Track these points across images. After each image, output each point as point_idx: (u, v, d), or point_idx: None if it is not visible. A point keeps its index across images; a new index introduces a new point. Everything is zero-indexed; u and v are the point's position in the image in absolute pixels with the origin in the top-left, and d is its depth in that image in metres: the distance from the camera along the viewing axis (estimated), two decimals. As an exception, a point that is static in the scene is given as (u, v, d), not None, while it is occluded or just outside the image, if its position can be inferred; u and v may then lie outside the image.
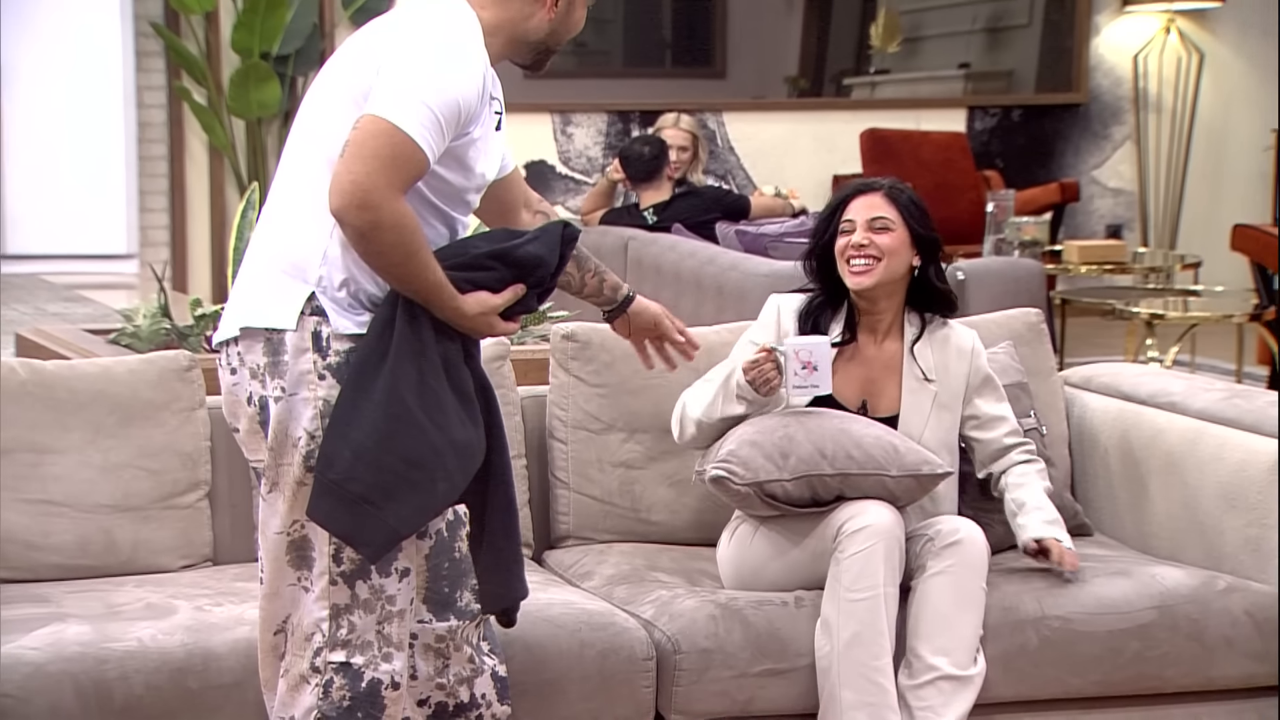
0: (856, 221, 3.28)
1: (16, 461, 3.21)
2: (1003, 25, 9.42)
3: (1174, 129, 9.29)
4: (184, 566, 3.31)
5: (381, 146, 2.51)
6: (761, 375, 3.15)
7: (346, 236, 2.56)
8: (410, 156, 2.53)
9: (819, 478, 3.12)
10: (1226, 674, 3.29)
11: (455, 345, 2.64)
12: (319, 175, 2.59)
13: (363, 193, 2.50)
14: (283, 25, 7.87)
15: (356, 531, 2.58)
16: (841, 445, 3.13)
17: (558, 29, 2.72)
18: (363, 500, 2.55)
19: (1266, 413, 3.39)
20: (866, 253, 3.26)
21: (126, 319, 4.59)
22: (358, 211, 2.51)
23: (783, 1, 9.17)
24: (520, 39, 2.71)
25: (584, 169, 8.65)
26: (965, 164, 8.55)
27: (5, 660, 2.82)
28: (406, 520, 2.59)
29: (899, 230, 3.27)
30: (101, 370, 3.35)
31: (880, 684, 3.04)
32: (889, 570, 3.07)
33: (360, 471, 2.55)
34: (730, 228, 6.32)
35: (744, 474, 3.13)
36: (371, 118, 2.53)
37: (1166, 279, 7.26)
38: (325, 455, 2.57)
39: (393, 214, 2.52)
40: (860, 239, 3.26)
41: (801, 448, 3.12)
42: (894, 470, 3.13)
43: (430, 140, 2.55)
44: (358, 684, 2.65)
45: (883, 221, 3.27)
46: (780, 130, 8.94)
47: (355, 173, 2.51)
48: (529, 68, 2.78)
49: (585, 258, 2.92)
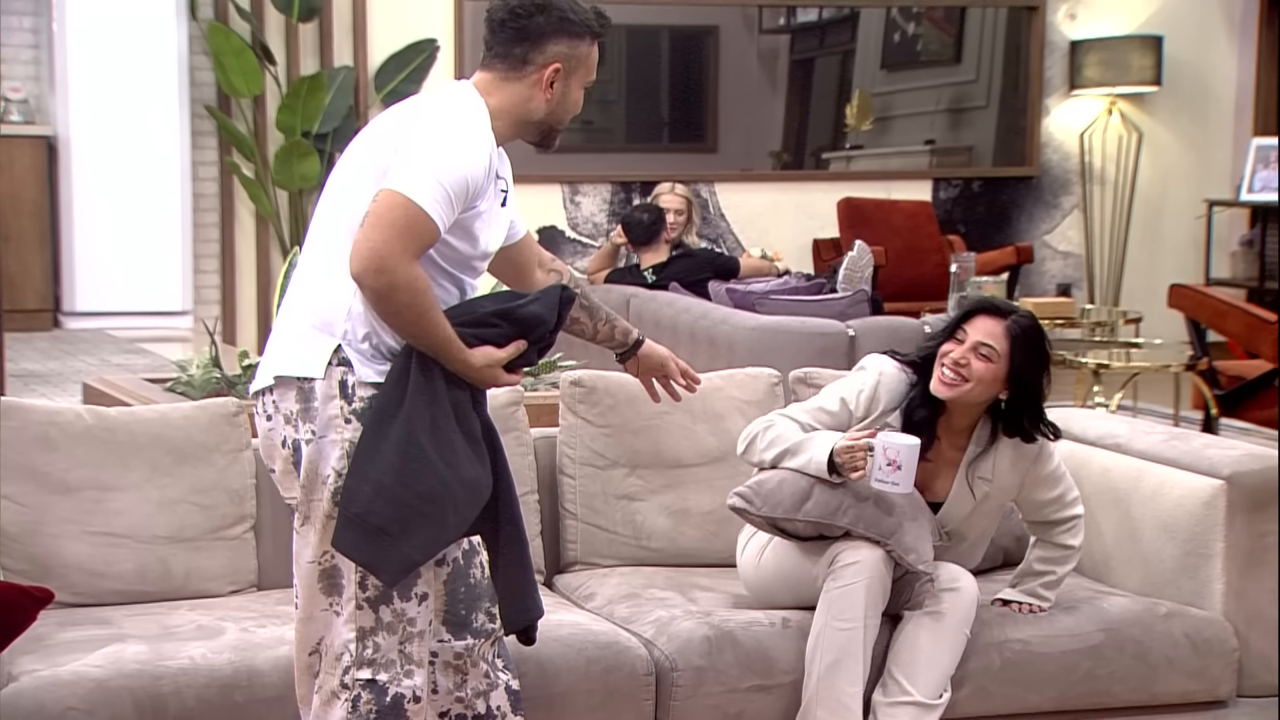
0: (967, 337, 3.11)
1: (83, 498, 3.21)
2: (964, 106, 9.44)
3: (1116, 199, 9.30)
4: (232, 591, 3.30)
5: (398, 218, 2.52)
6: (853, 462, 3.02)
7: (365, 297, 2.57)
8: (423, 227, 2.54)
9: (828, 526, 3.10)
10: (1168, 690, 3.27)
11: (464, 393, 2.64)
12: (343, 242, 2.59)
13: (380, 259, 2.51)
14: (322, 107, 7.90)
15: (376, 560, 2.57)
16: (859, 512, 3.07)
17: (556, 110, 2.72)
18: (381, 532, 2.55)
19: (1202, 453, 3.38)
20: (959, 371, 3.10)
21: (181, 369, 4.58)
22: (375, 275, 2.52)
23: (768, 85, 9.20)
24: (524, 120, 2.71)
25: (590, 233, 8.66)
26: (931, 229, 8.56)
27: (71, 677, 2.81)
28: (421, 549, 2.58)
29: (999, 364, 3.09)
30: (159, 416, 3.34)
31: (850, 708, 3.03)
32: (871, 603, 3.05)
33: (379, 506, 2.55)
34: (721, 286, 6.32)
35: (761, 506, 3.11)
36: (389, 192, 2.54)
37: (1111, 332, 7.24)
38: (348, 491, 2.57)
39: (406, 278, 2.53)
40: (960, 357, 3.09)
41: (821, 498, 3.07)
42: (888, 543, 3.07)
43: (441, 212, 2.55)
44: (383, 699, 2.64)
45: (988, 350, 3.09)
46: (766, 199, 8.95)
47: (374, 241, 2.52)
48: (539, 145, 2.78)
49: (597, 308, 2.94)
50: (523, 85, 2.68)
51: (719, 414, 3.56)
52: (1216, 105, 9.41)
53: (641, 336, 3.00)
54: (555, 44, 2.67)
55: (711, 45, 9.08)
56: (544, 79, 2.67)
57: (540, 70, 2.67)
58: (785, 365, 3.84)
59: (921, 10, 9.18)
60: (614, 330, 2.96)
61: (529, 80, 2.68)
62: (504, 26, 2.68)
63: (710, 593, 3.31)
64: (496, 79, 2.69)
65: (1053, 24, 9.18)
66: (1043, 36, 9.17)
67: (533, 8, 2.67)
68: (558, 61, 2.67)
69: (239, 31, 7.98)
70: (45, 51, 8.13)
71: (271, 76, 8.06)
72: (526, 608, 2.75)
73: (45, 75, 8.17)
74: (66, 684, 2.79)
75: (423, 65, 8.17)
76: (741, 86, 9.07)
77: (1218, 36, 9.37)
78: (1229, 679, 3.29)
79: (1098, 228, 9.31)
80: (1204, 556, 3.30)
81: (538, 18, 2.67)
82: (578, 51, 2.69)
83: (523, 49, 2.67)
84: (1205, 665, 3.26)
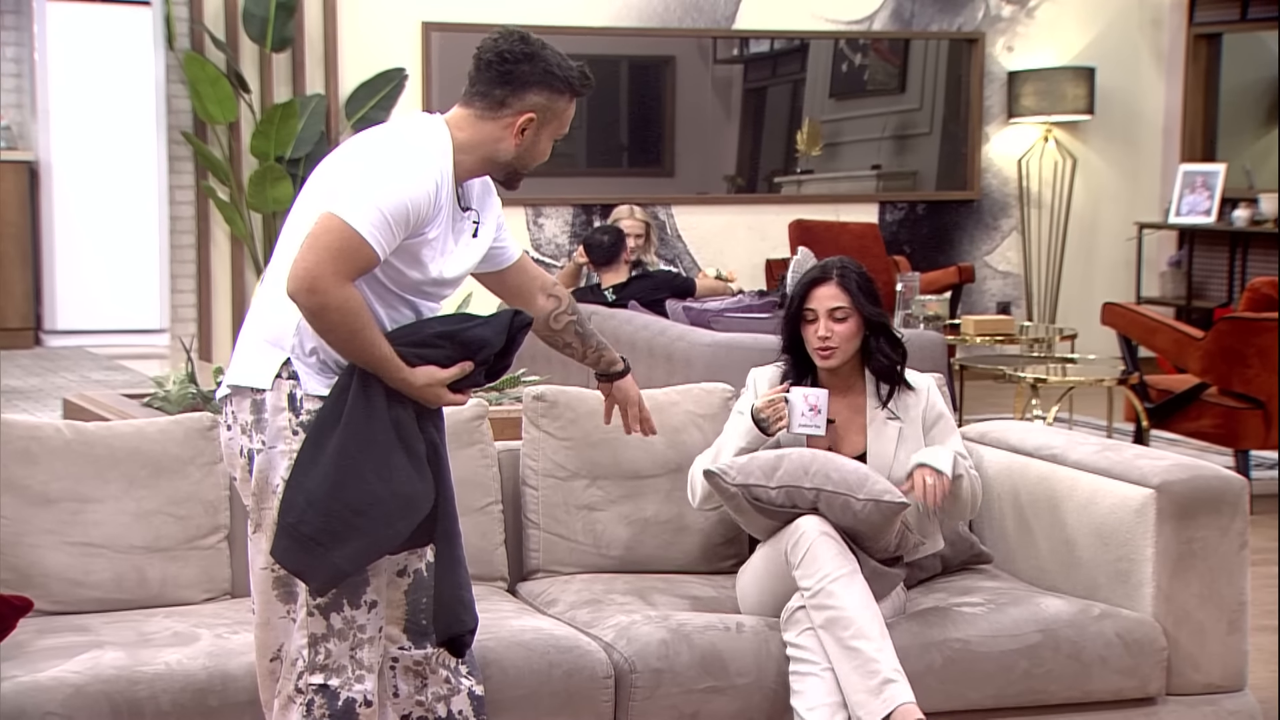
0: (818, 312, 3.29)
1: (62, 510, 3.18)
2: (908, 133, 9.50)
3: (1052, 221, 9.37)
4: (206, 599, 3.27)
5: (333, 241, 2.51)
6: (776, 413, 3.21)
7: (302, 315, 2.56)
8: (357, 251, 2.52)
9: (798, 489, 3.11)
10: (1101, 688, 3.29)
11: (407, 410, 2.62)
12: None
13: (311, 279, 2.50)
14: (294, 133, 7.87)
15: (306, 568, 2.57)
16: (823, 468, 3.12)
17: (523, 155, 2.70)
18: (312, 541, 2.54)
19: (1133, 464, 3.40)
20: (828, 344, 3.29)
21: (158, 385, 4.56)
22: (308, 295, 2.51)
23: (722, 112, 9.22)
24: (490, 159, 2.70)
25: (553, 254, 8.66)
26: (878, 250, 8.59)
27: (50, 683, 2.78)
28: (350, 559, 2.56)
29: (853, 317, 3.29)
30: (135, 430, 3.32)
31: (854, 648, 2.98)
32: (830, 558, 3.04)
33: (310, 516, 2.54)
34: (679, 304, 6.33)
35: (735, 476, 3.13)
36: (328, 215, 2.53)
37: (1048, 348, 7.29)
38: (285, 501, 2.57)
39: (338, 298, 2.51)
40: (823, 331, 3.28)
41: (791, 464, 3.13)
42: (860, 494, 3.09)
43: (378, 237, 2.53)
44: (335, 703, 2.63)
45: (841, 312, 3.28)
46: (720, 221, 8.97)
47: (308, 262, 2.51)
48: (502, 183, 2.78)
49: (589, 335, 2.98)
50: (495, 126, 2.67)
51: (675, 427, 3.57)
52: (1146, 132, 9.49)
53: (627, 367, 3.05)
54: (535, 94, 2.66)
55: (668, 75, 9.10)
56: (516, 125, 2.66)
57: (515, 116, 2.66)
58: (739, 380, 3.84)
59: (868, 42, 9.24)
60: (600, 358, 3.01)
61: (502, 122, 2.67)
62: (490, 67, 2.66)
63: (667, 596, 3.31)
64: (472, 115, 2.68)
65: (992, 55, 9.25)
66: (982, 67, 9.24)
67: (521, 55, 2.65)
68: (533, 111, 2.66)
69: (214, 61, 7.95)
70: (27, 80, 8.08)
71: (246, 104, 8.03)
72: (457, 618, 2.72)
73: (27, 102, 8.11)
74: (46, 689, 2.77)
75: (391, 93, 8.15)
76: (697, 114, 9.09)
77: (1147, 68, 9.47)
78: (1158, 677, 3.31)
79: (1035, 249, 9.37)
80: (1135, 561, 3.33)
81: (524, 65, 2.65)
82: (555, 105, 2.68)
83: (503, 92, 2.66)
84: (1136, 664, 3.28)
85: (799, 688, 3.03)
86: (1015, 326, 7.42)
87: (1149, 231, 9.34)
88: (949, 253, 9.26)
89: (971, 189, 9.31)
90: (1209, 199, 8.97)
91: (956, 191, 9.31)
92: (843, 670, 2.99)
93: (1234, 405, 6.05)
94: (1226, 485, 3.34)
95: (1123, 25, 9.37)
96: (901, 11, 9.12)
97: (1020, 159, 9.30)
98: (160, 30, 7.93)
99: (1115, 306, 6.72)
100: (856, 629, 2.99)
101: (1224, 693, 3.36)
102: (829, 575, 3.02)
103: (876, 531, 3.13)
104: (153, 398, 4.47)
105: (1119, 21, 9.37)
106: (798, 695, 3.03)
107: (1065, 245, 9.35)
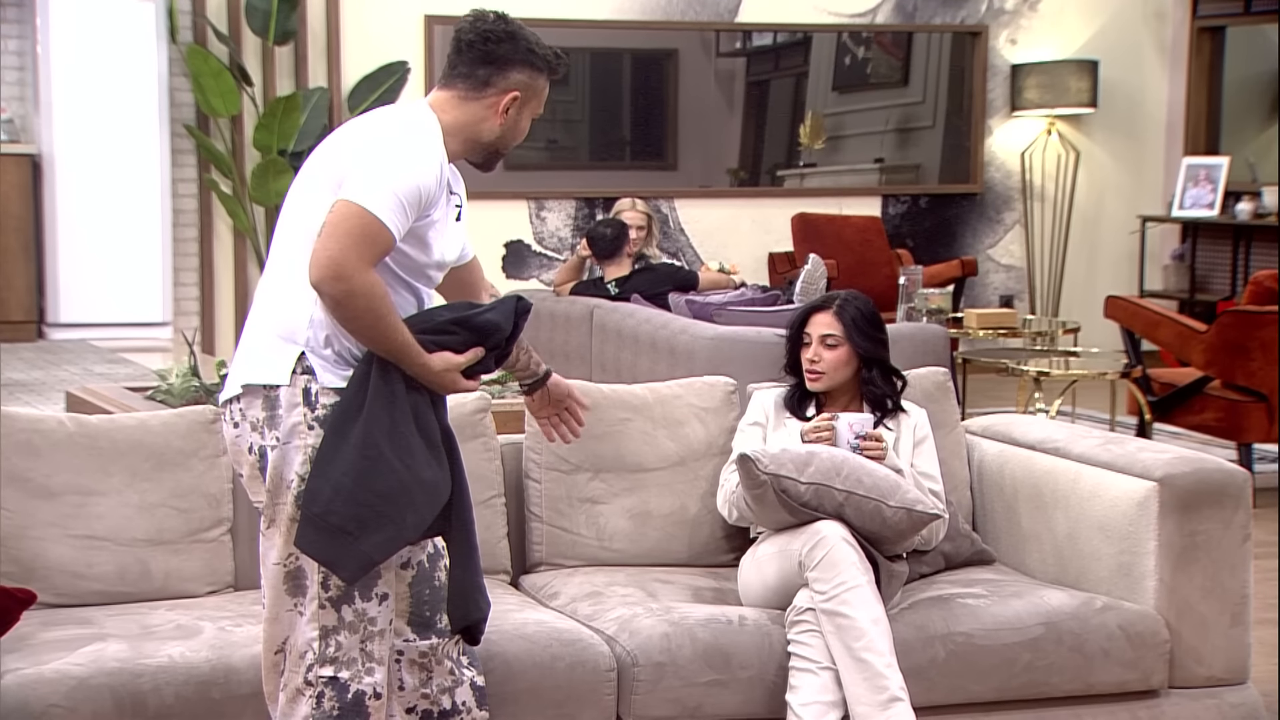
0: (813, 336, 3.45)
1: (65, 503, 3.18)
2: (911, 127, 9.50)
3: (1055, 215, 9.37)
4: (209, 592, 3.28)
5: (353, 227, 2.52)
6: (821, 440, 3.26)
7: (325, 304, 2.56)
8: (378, 235, 2.53)
9: (828, 489, 3.11)
10: (1104, 680, 3.29)
11: (424, 397, 2.63)
12: (303, 252, 2.58)
13: (337, 266, 2.51)
14: (297, 126, 7.88)
15: (336, 558, 2.56)
16: (854, 472, 3.13)
17: (505, 135, 2.72)
18: (341, 530, 2.54)
19: (1135, 457, 3.40)
20: (816, 367, 3.43)
21: (161, 378, 4.56)
22: (333, 283, 2.51)
23: (725, 106, 9.22)
24: (474, 140, 2.71)
25: (555, 247, 8.66)
26: (880, 243, 8.60)
27: (54, 675, 2.78)
28: (379, 547, 2.57)
29: (844, 346, 3.42)
30: (138, 423, 3.32)
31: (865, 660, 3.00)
32: (849, 566, 3.05)
33: (339, 505, 2.54)
34: (681, 298, 6.33)
35: (768, 464, 3.13)
36: (345, 202, 2.54)
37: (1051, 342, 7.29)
38: (310, 492, 2.56)
39: (363, 284, 2.52)
40: (812, 355, 3.43)
41: (823, 464, 3.14)
42: (893, 501, 3.11)
43: (395, 220, 2.55)
44: (345, 695, 2.63)
45: (832, 339, 3.43)
46: (723, 214, 8.97)
47: (330, 250, 2.51)
48: (480, 166, 2.78)
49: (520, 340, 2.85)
50: (479, 106, 2.68)
51: (678, 420, 3.57)
52: (1149, 126, 9.49)
53: (550, 369, 2.96)
54: (518, 73, 2.68)
55: (671, 68, 9.10)
56: (501, 104, 2.68)
57: (500, 95, 2.68)
58: (742, 374, 3.86)
59: (871, 35, 9.23)
60: (530, 361, 2.90)
61: (486, 102, 2.68)
62: (471, 48, 2.68)
63: (670, 589, 3.31)
64: (455, 97, 2.69)
65: (995, 49, 9.24)
66: (985, 61, 9.23)
67: (503, 34, 2.68)
68: (517, 90, 2.68)
69: (217, 54, 7.95)
70: (30, 73, 8.08)
71: (248, 97, 8.04)
72: (469, 608, 2.73)
73: (30, 96, 8.12)
74: (49, 682, 2.77)
75: (394, 86, 8.16)
76: (700, 107, 9.09)
77: (1150, 61, 9.46)
78: (1161, 670, 3.31)
79: (1038, 242, 9.37)
80: (1137, 554, 3.33)
81: (506, 44, 2.67)
82: (535, 84, 2.71)
83: (487, 71, 2.67)
84: (1139, 657, 3.28)
85: (796, 683, 3.04)
86: (1018, 320, 7.42)
87: (1152, 225, 9.33)
88: (952, 246, 9.25)
89: (974, 182, 9.30)
90: (1212, 192, 8.96)
91: (959, 185, 9.30)
92: (850, 678, 3.01)
93: (1237, 398, 6.05)
94: (1229, 478, 3.34)
95: (1126, 18, 9.37)
96: (904, 4, 9.11)
97: (1023, 152, 9.29)
98: (163, 23, 7.93)
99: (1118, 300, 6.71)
100: (868, 641, 3.01)
101: (1226, 685, 3.36)
102: (845, 584, 3.04)
103: (900, 537, 3.16)
104: (155, 391, 4.48)
105: (1122, 14, 9.36)
106: (793, 690, 3.04)
107: (1068, 238, 9.35)
